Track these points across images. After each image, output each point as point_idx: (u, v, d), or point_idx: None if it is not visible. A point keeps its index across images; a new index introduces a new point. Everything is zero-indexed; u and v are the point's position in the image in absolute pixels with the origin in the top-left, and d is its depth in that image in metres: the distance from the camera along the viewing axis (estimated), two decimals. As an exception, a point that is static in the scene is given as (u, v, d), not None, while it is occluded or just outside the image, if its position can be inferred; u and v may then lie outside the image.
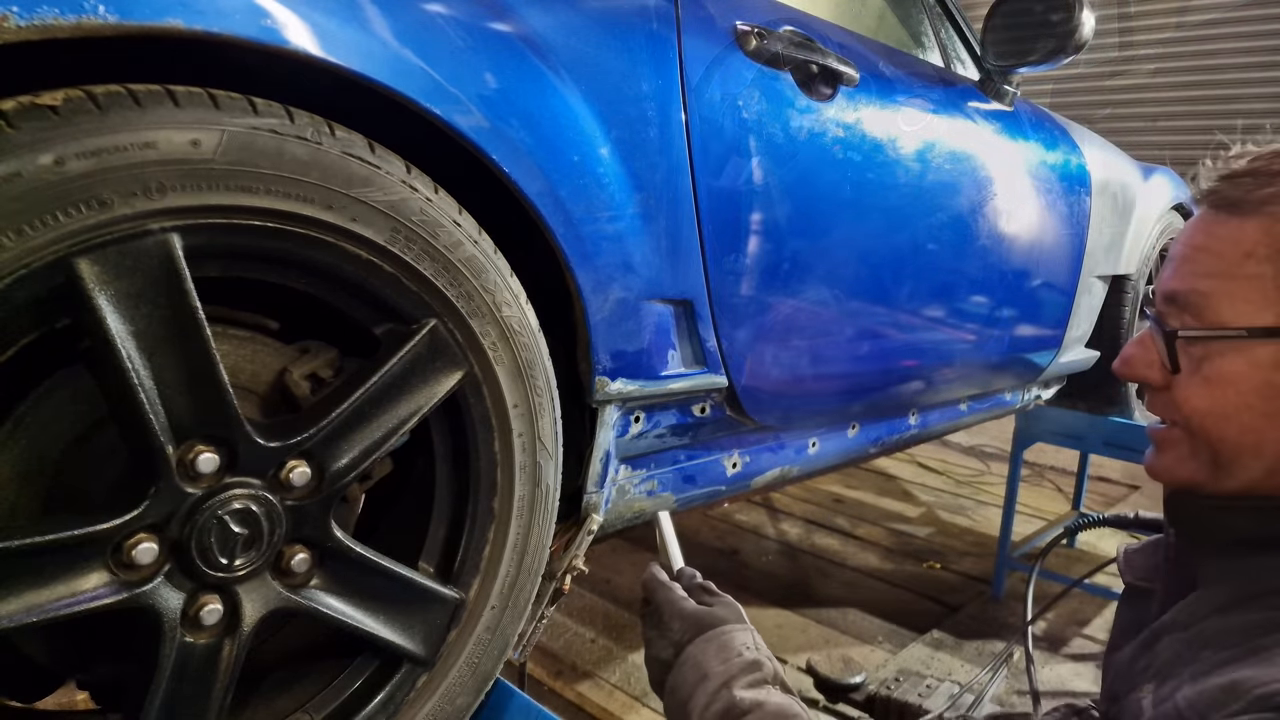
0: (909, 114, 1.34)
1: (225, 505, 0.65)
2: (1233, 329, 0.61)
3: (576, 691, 1.56)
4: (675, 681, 0.72)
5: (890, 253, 1.34)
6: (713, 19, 1.04)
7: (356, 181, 0.66)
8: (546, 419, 0.87)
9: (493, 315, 0.78)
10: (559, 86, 0.84)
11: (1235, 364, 0.61)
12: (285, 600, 0.71)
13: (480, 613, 0.87)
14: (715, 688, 0.68)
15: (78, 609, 0.59)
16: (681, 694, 0.71)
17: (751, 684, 0.68)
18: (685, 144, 0.99)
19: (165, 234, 0.58)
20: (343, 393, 0.71)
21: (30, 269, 0.53)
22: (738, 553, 2.34)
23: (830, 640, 1.82)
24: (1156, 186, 2.29)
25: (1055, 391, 2.26)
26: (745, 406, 1.19)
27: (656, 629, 0.78)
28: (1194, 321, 0.63)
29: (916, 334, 1.46)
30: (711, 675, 0.69)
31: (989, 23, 1.59)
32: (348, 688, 0.82)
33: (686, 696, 0.70)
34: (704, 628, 0.74)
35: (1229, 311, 0.61)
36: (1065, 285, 1.87)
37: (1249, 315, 0.60)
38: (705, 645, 0.72)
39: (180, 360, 0.60)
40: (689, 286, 1.04)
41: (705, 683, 0.69)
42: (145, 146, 0.55)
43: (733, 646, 0.72)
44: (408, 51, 0.69)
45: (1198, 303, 0.63)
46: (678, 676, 0.72)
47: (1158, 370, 0.67)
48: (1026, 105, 1.81)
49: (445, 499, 0.85)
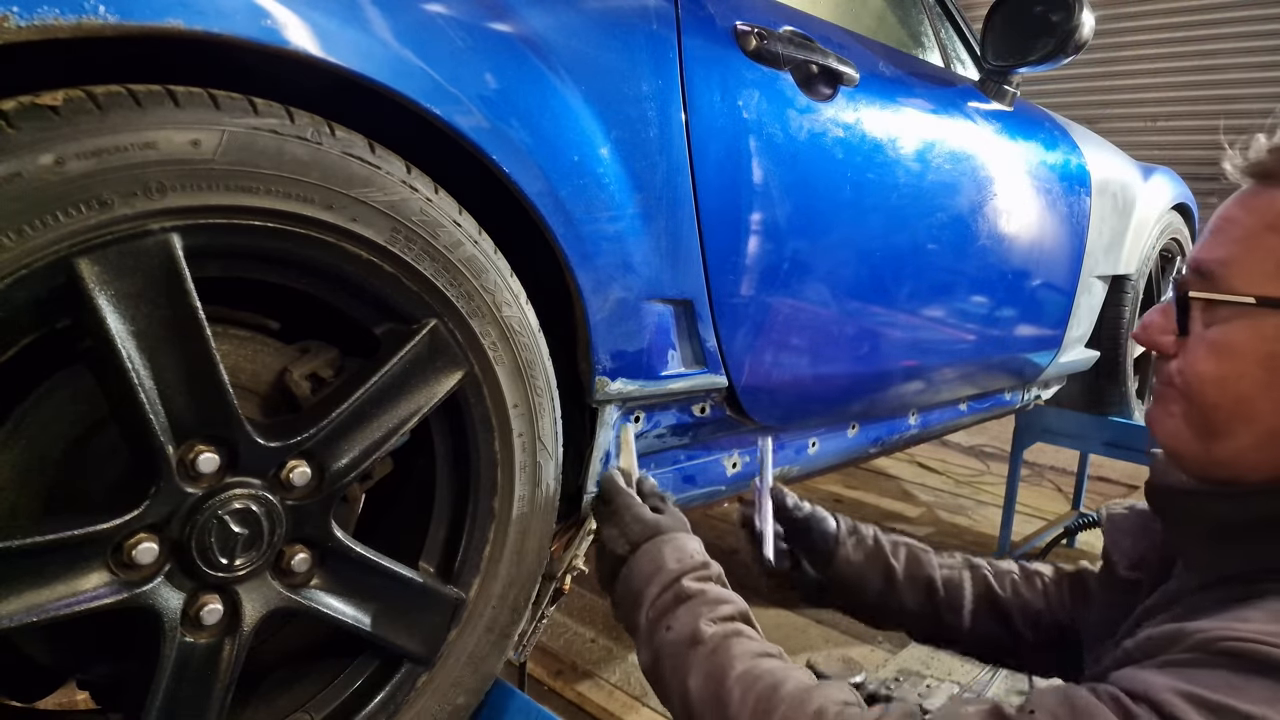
0: (909, 114, 1.34)
1: (225, 505, 0.65)
2: (1242, 296, 0.62)
3: (576, 691, 1.56)
4: (630, 571, 0.82)
5: (890, 253, 1.34)
6: (713, 19, 1.04)
7: (357, 181, 0.66)
8: (546, 419, 0.87)
9: (493, 315, 0.79)
10: (559, 87, 0.84)
11: (1241, 332, 0.62)
12: (285, 600, 0.71)
13: (480, 612, 0.87)
14: (668, 579, 0.79)
15: (78, 609, 0.59)
16: (635, 583, 0.81)
17: (699, 578, 0.79)
18: (685, 144, 0.99)
19: (165, 234, 0.58)
20: (343, 393, 0.71)
21: (31, 269, 0.53)
22: (738, 553, 2.34)
23: (830, 640, 1.82)
24: (1156, 186, 2.29)
25: (1055, 391, 2.26)
26: (745, 406, 1.19)
27: (616, 528, 0.87)
28: (1210, 288, 0.64)
29: (916, 334, 1.46)
30: (665, 568, 0.80)
31: (989, 23, 1.59)
32: (348, 687, 0.82)
33: (641, 584, 0.80)
34: (659, 531, 0.85)
35: (1242, 280, 0.62)
36: (1065, 285, 1.87)
37: (1260, 284, 0.61)
38: (662, 544, 0.83)
39: (181, 360, 0.60)
40: (689, 286, 1.04)
41: (660, 573, 0.79)
42: (145, 146, 0.55)
43: (686, 549, 0.82)
44: (408, 52, 0.69)
45: (1216, 270, 0.64)
46: (633, 567, 0.82)
47: (1173, 339, 0.68)
48: (1026, 105, 1.81)
49: (445, 499, 0.85)
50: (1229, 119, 3.59)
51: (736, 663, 0.70)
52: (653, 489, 0.96)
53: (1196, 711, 0.50)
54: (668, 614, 0.76)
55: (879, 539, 1.05)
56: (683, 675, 0.72)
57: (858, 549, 1.04)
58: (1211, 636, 0.55)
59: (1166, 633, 0.59)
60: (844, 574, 1.03)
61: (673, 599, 0.77)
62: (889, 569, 1.02)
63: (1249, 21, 4.66)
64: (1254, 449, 0.63)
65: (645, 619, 0.78)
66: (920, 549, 1.05)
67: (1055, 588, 1.00)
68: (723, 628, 0.74)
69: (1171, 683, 0.53)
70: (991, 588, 1.01)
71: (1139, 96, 5.14)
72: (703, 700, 0.69)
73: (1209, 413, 0.64)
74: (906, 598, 1.02)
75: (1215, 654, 0.54)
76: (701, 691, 0.70)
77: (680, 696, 0.72)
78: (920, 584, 1.02)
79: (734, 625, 0.75)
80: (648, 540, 0.84)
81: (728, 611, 0.76)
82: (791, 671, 0.69)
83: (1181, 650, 0.56)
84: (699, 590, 0.77)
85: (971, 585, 1.02)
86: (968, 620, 1.00)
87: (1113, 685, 0.56)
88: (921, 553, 1.05)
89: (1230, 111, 4.53)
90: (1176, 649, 0.57)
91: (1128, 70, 5.16)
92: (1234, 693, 0.51)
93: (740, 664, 0.69)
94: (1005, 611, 1.00)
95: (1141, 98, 5.13)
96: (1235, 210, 0.65)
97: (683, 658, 0.72)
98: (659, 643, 0.75)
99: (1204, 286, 0.65)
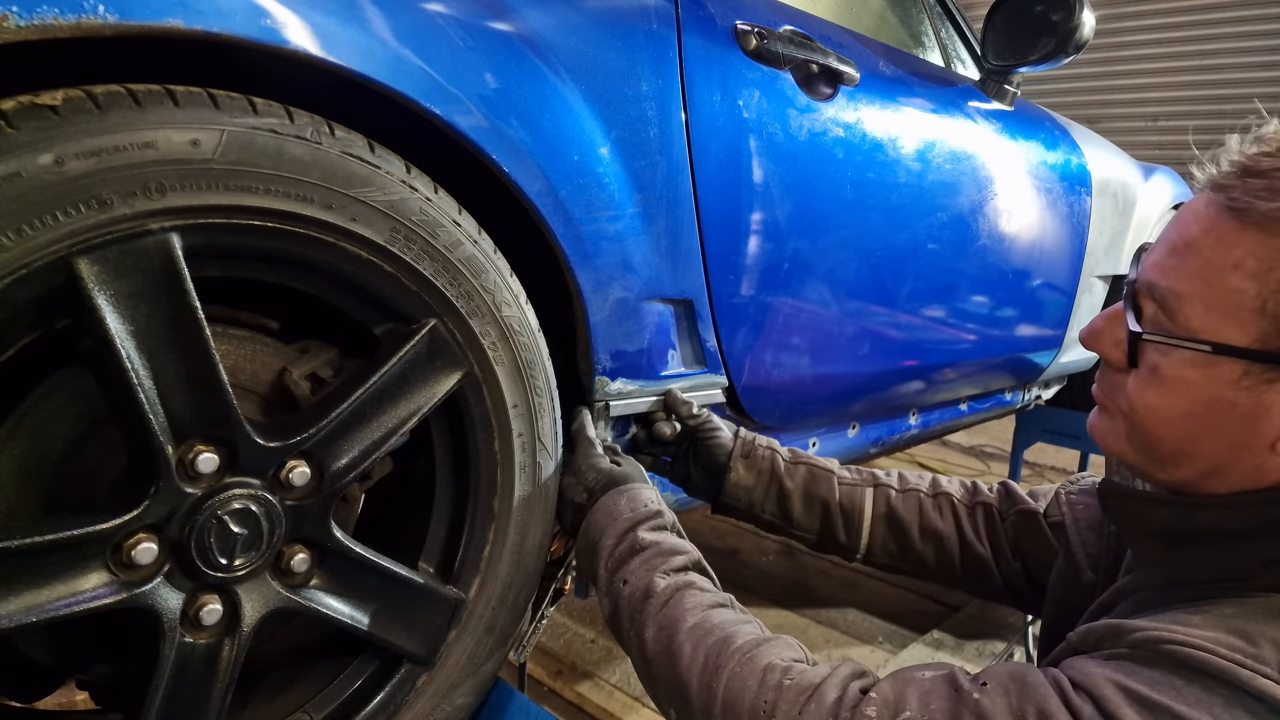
0: (909, 114, 1.34)
1: (225, 505, 0.64)
2: (1199, 341, 0.59)
3: (576, 692, 1.56)
4: (588, 524, 0.84)
5: (890, 252, 1.34)
6: (713, 19, 1.04)
7: (356, 181, 0.66)
8: (546, 419, 0.87)
9: (492, 315, 0.78)
10: (559, 86, 0.84)
11: (1192, 373, 0.60)
12: (285, 600, 0.71)
13: (480, 613, 0.87)
14: (623, 530, 0.80)
15: (78, 609, 0.59)
16: (593, 535, 0.82)
17: (653, 528, 0.80)
18: (685, 143, 0.99)
19: (165, 234, 0.58)
20: (343, 393, 0.71)
21: (30, 269, 0.53)
22: (738, 553, 2.34)
23: (830, 640, 1.82)
24: (1157, 186, 2.29)
25: (1055, 391, 2.26)
26: (745, 406, 1.19)
27: (573, 475, 0.90)
28: (1165, 319, 0.62)
29: (917, 334, 1.46)
30: (620, 519, 0.81)
31: (989, 22, 1.59)
32: (348, 687, 0.82)
33: (598, 536, 0.81)
34: (615, 482, 0.86)
35: (1200, 320, 0.59)
36: (1066, 285, 1.87)
37: (1218, 329, 0.58)
38: (617, 496, 0.84)
39: (180, 360, 0.60)
40: (689, 286, 1.04)
41: (614, 524, 0.81)
42: (145, 146, 0.55)
43: (640, 498, 0.83)
44: (408, 51, 0.69)
45: (1172, 303, 0.61)
46: (591, 519, 0.83)
47: (1121, 351, 0.66)
48: (1027, 105, 1.81)
49: (445, 499, 0.85)
50: (1229, 119, 3.60)
51: (688, 615, 0.71)
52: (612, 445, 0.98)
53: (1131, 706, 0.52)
54: (623, 566, 0.77)
55: (775, 460, 1.03)
56: (640, 628, 0.73)
57: (749, 470, 1.02)
58: (1152, 637, 0.55)
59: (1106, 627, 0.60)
60: (735, 497, 1.03)
61: (627, 550, 0.78)
62: (783, 491, 1.02)
63: (1249, 21, 4.66)
64: (1198, 479, 0.63)
65: (604, 570, 0.79)
66: (823, 467, 1.04)
67: (969, 518, 1.00)
68: (675, 579, 0.75)
69: (1111, 675, 0.54)
70: (893, 507, 1.01)
71: (1139, 96, 5.15)
72: (656, 655, 0.71)
73: (1153, 444, 0.64)
74: (802, 518, 1.02)
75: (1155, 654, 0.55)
76: (654, 645, 0.71)
77: (638, 649, 0.73)
78: (817, 504, 1.02)
79: (687, 576, 0.76)
80: (604, 491, 0.85)
81: (680, 563, 0.77)
82: (742, 625, 0.69)
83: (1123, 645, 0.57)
84: (653, 541, 0.78)
85: (871, 504, 1.01)
86: (865, 538, 1.01)
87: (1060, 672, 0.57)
88: (823, 471, 1.03)
89: (1231, 111, 4.53)
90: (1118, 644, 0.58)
91: (1128, 70, 5.16)
92: (1172, 693, 0.52)
93: (691, 617, 0.70)
94: (904, 531, 1.00)
95: (1141, 98, 5.14)
96: (1197, 234, 0.61)
97: (639, 612, 0.74)
98: (616, 594, 0.77)
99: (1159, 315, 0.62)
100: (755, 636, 0.68)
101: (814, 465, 1.04)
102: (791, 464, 1.03)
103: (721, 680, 0.64)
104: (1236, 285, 0.57)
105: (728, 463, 1.02)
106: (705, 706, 0.65)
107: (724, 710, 0.63)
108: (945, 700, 0.57)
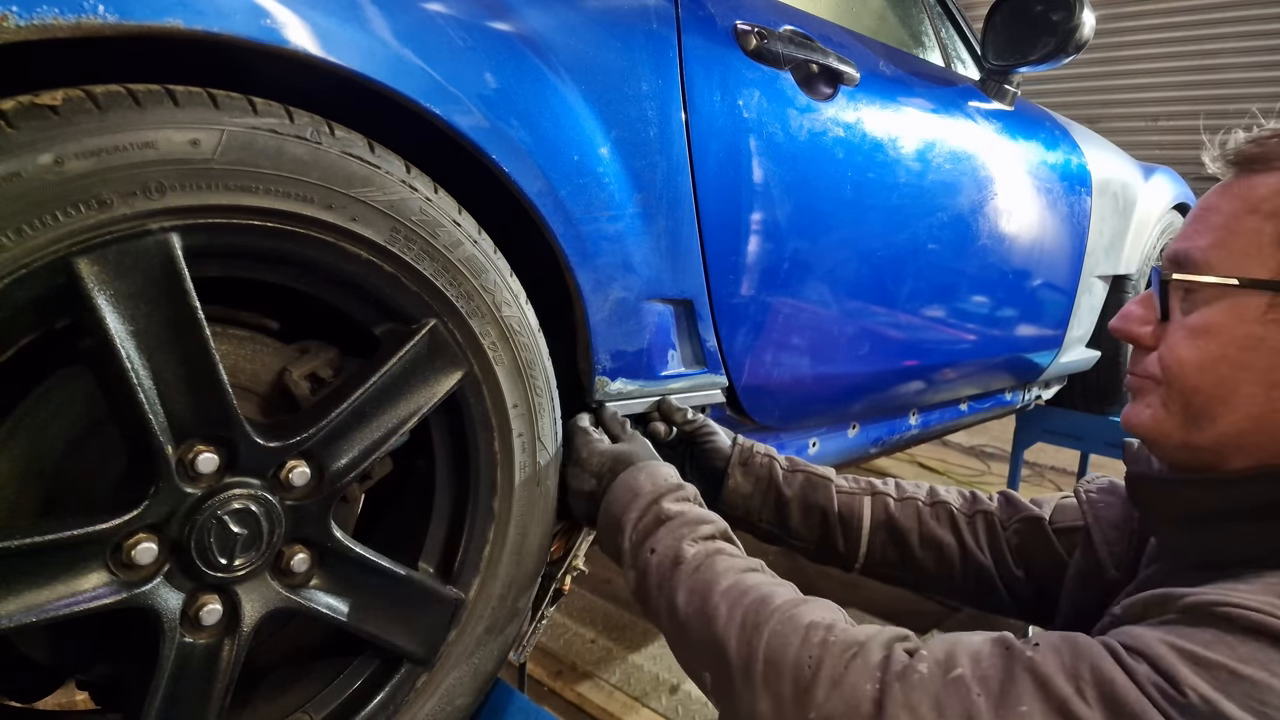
0: (909, 113, 1.34)
1: (225, 505, 0.64)
2: (1224, 278, 0.62)
3: (576, 692, 1.56)
4: (609, 500, 0.83)
5: (890, 252, 1.34)
6: (713, 18, 1.04)
7: (356, 181, 0.66)
8: (546, 419, 0.87)
9: (492, 315, 0.78)
10: (559, 86, 0.84)
11: (1221, 314, 0.63)
12: (285, 600, 0.71)
13: (480, 613, 0.86)
14: (646, 503, 0.80)
15: (78, 609, 0.59)
16: (615, 510, 0.82)
17: (677, 499, 0.81)
18: (685, 143, 0.99)
19: (165, 234, 0.58)
20: (343, 393, 0.71)
21: (30, 269, 0.53)
22: (738, 553, 2.34)
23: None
24: (1157, 186, 2.29)
25: (1055, 391, 2.26)
26: (745, 406, 1.19)
27: (577, 465, 0.90)
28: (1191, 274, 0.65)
29: (917, 334, 1.46)
30: (642, 494, 0.81)
31: (989, 22, 1.59)
32: (348, 688, 0.82)
33: (620, 511, 0.81)
34: (626, 460, 0.86)
35: (1223, 263, 0.63)
36: (1066, 285, 1.87)
37: (1242, 266, 0.62)
38: (636, 472, 0.84)
39: (180, 360, 0.60)
40: (689, 286, 1.04)
41: (638, 499, 0.81)
42: (145, 146, 0.55)
43: (660, 473, 0.84)
44: (408, 51, 0.69)
45: (1196, 257, 0.65)
46: (611, 496, 0.83)
47: (1151, 330, 0.69)
48: (1027, 105, 1.81)
49: (445, 499, 0.85)
50: (1230, 119, 3.60)
51: (721, 578, 0.70)
52: (613, 415, 0.97)
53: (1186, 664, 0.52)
54: (650, 536, 0.77)
55: (773, 468, 1.03)
56: (670, 593, 0.72)
57: (747, 478, 1.02)
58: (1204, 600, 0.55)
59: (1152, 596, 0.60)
60: (732, 505, 1.02)
61: (653, 521, 0.78)
62: (781, 498, 1.01)
63: (1249, 21, 4.66)
64: (1234, 434, 0.63)
65: (629, 543, 0.79)
66: (821, 475, 1.03)
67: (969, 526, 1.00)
68: (705, 546, 0.75)
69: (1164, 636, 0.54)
70: (891, 515, 1.00)
71: (1139, 96, 5.15)
72: (689, 616, 0.70)
73: (1189, 396, 0.65)
74: (800, 527, 1.01)
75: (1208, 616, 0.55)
76: (688, 608, 0.70)
77: (669, 614, 0.72)
78: (815, 512, 1.01)
79: (715, 544, 0.75)
80: (620, 470, 0.85)
81: (708, 531, 0.77)
82: (777, 586, 0.69)
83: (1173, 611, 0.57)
84: (678, 511, 0.78)
85: (870, 512, 1.01)
86: (864, 546, 1.00)
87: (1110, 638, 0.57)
88: (821, 479, 1.03)
89: (1231, 111, 4.53)
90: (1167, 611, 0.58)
91: (1128, 70, 5.17)
92: (1227, 651, 0.52)
93: (725, 579, 0.70)
94: (903, 538, 0.99)
95: (1141, 98, 5.14)
96: (1214, 199, 0.66)
97: (668, 579, 0.73)
98: (643, 564, 0.76)
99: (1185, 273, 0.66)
100: (793, 597, 0.67)
101: (811, 473, 1.03)
102: (789, 472, 1.03)
103: (762, 638, 0.63)
104: (1256, 226, 0.61)
105: (725, 469, 1.02)
106: (746, 665, 0.63)
107: (766, 667, 0.62)
108: (998, 659, 0.57)
